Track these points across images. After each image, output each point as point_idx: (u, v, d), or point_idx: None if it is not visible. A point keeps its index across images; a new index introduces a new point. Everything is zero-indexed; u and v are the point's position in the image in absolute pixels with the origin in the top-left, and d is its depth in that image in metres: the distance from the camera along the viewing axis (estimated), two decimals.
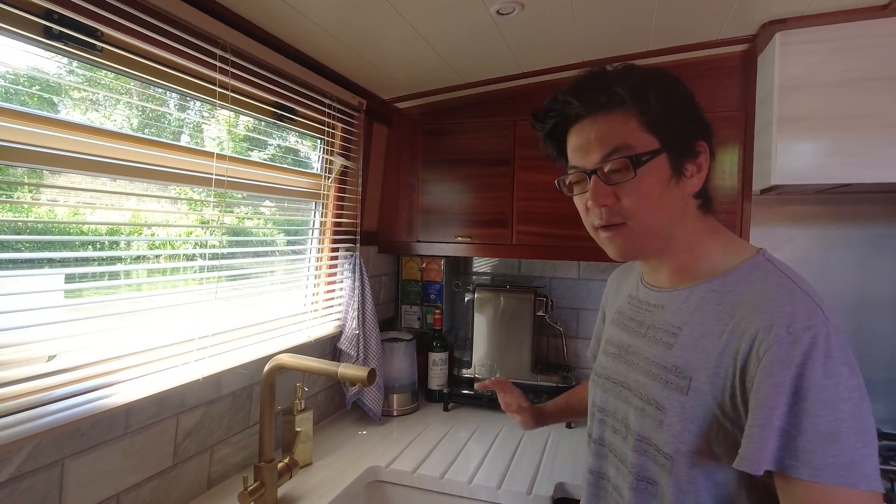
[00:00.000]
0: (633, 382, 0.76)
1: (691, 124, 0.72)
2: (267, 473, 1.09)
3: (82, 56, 0.87)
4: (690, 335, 0.70)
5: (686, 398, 0.67)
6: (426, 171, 1.80)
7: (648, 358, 0.75)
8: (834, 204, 1.64)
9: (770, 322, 0.61)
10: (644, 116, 0.69)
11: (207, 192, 1.15)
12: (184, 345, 1.10)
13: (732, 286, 0.68)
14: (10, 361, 0.81)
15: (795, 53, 1.25)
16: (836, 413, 0.56)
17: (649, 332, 0.77)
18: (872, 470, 0.55)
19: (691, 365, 0.68)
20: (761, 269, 0.68)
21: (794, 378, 0.57)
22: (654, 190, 0.70)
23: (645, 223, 0.71)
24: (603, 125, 0.71)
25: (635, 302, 0.84)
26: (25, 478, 0.82)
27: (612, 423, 0.80)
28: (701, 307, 0.70)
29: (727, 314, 0.66)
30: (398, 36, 1.26)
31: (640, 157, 0.69)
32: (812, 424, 0.56)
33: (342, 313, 1.65)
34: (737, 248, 0.73)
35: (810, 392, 0.57)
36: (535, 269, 2.00)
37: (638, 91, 0.69)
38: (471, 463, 1.38)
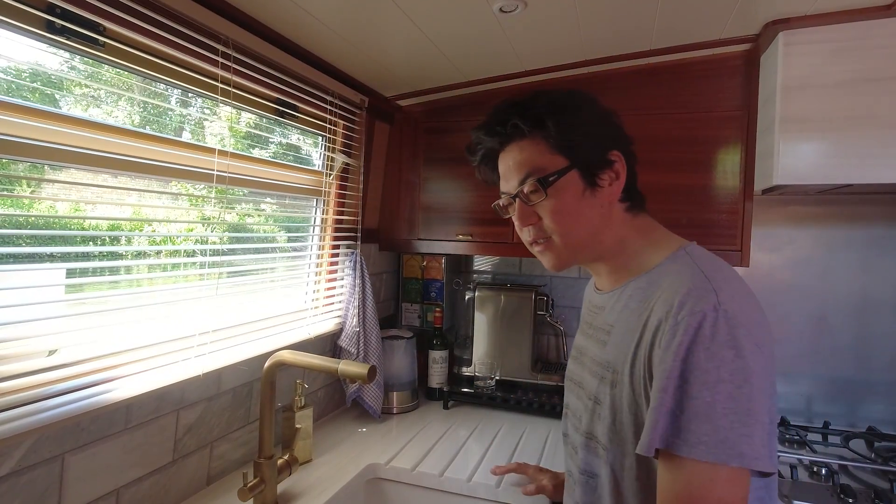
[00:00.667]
0: (584, 381, 0.83)
1: (601, 138, 0.79)
2: (267, 470, 1.09)
3: (84, 51, 0.86)
4: (618, 332, 0.75)
5: (615, 391, 0.72)
6: (428, 169, 1.80)
7: (592, 357, 0.81)
8: (836, 204, 1.63)
9: (668, 311, 0.65)
10: (549, 140, 0.77)
11: (209, 189, 1.15)
12: (184, 341, 1.10)
13: (653, 281, 0.73)
14: (11, 356, 0.81)
15: (798, 53, 1.25)
16: (713, 394, 0.59)
17: (595, 333, 0.83)
18: (749, 449, 0.57)
19: (618, 360, 0.73)
20: (677, 262, 0.73)
21: (680, 362, 0.61)
22: (568, 205, 0.77)
23: (567, 236, 0.78)
24: (517, 152, 0.79)
25: (590, 307, 0.90)
26: (25, 472, 0.82)
27: (574, 420, 0.86)
28: (627, 305, 0.75)
29: (645, 308, 0.70)
30: (401, 33, 1.26)
31: (546, 178, 0.76)
32: (691, 405, 0.59)
33: (343, 310, 1.66)
34: (664, 245, 0.77)
35: (692, 374, 0.60)
36: (536, 268, 2.00)
37: (537, 119, 0.77)
38: (470, 461, 1.38)
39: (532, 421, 1.68)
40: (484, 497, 1.26)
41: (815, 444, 1.47)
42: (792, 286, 1.67)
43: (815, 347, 1.66)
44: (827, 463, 1.34)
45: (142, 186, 1.07)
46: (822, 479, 1.31)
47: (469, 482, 1.27)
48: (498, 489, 1.25)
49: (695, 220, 1.49)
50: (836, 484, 1.26)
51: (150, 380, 1.00)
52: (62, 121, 0.84)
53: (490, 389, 1.78)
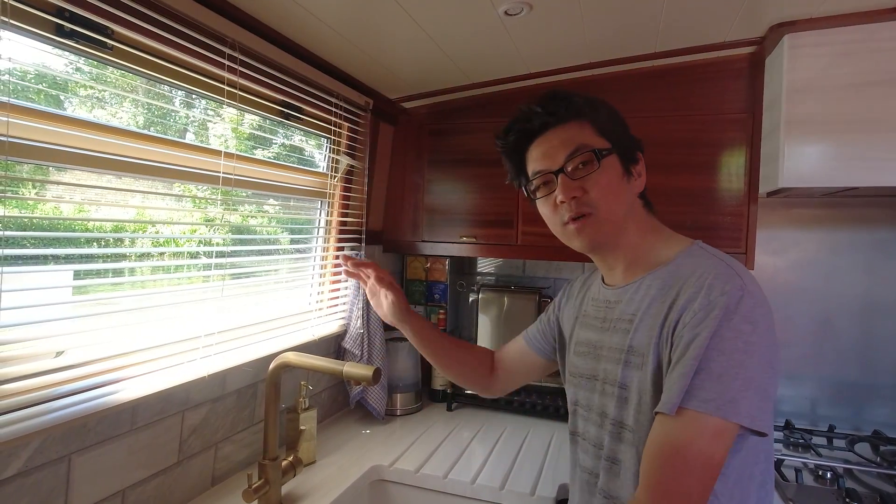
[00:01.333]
0: (602, 372, 0.85)
1: (631, 138, 0.88)
2: (271, 471, 1.10)
3: (93, 54, 0.87)
4: (642, 319, 0.79)
5: (641, 373, 0.77)
6: (432, 171, 1.80)
7: (613, 347, 0.83)
8: (840, 207, 1.63)
9: (696, 293, 0.72)
10: (597, 125, 0.84)
11: (213, 190, 1.16)
12: (190, 342, 1.10)
13: (674, 272, 0.79)
14: (19, 357, 0.82)
15: (804, 56, 1.25)
16: (728, 359, 0.66)
17: (613, 325, 0.85)
18: (750, 409, 0.64)
19: (643, 343, 0.77)
20: (695, 255, 0.80)
21: (704, 331, 0.68)
22: (613, 182, 0.82)
23: (609, 211, 0.82)
24: (562, 132, 0.84)
25: (598, 303, 0.92)
26: (32, 473, 0.82)
27: (590, 415, 0.88)
28: (647, 293, 0.80)
29: (668, 294, 0.76)
30: (406, 36, 1.26)
31: (601, 151, 0.82)
32: (707, 366, 0.66)
33: (347, 312, 1.66)
34: (675, 242, 0.85)
35: (713, 342, 0.67)
36: (540, 270, 2.00)
37: (591, 103, 0.85)
38: (474, 463, 1.38)
39: (536, 423, 1.67)
40: (488, 499, 1.26)
41: (820, 448, 1.46)
42: (796, 289, 1.67)
43: (820, 350, 1.65)
44: (832, 467, 1.34)
45: (146, 188, 1.07)
46: (828, 482, 1.30)
47: (473, 484, 1.27)
48: (502, 491, 1.25)
49: (699, 223, 1.48)
50: (841, 488, 1.25)
51: (156, 381, 1.00)
52: (68, 122, 0.85)
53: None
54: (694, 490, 0.64)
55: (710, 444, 0.65)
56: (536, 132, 0.87)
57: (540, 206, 0.90)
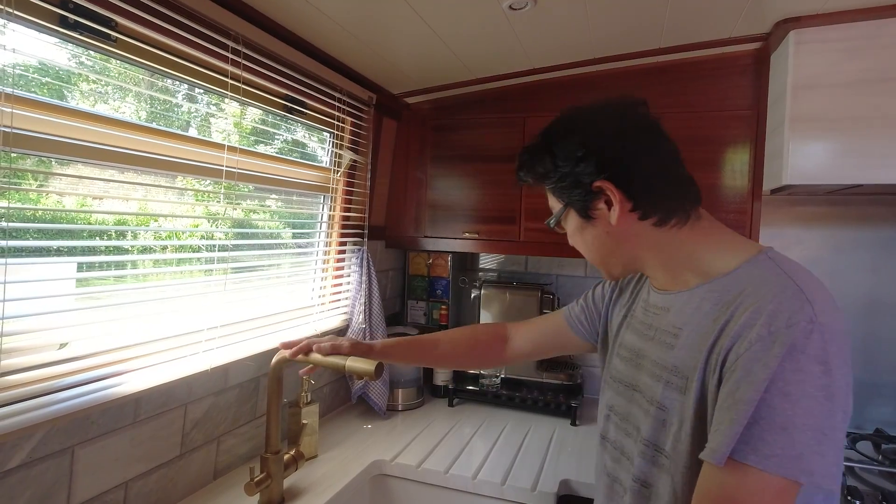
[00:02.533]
0: (643, 385, 0.79)
1: (582, 174, 0.76)
2: (273, 465, 1.10)
3: (97, 46, 0.87)
4: (689, 336, 0.71)
5: (684, 397, 0.69)
6: (435, 167, 1.80)
7: (654, 360, 0.77)
8: (845, 205, 1.62)
9: (755, 320, 0.62)
10: (551, 188, 0.82)
11: (216, 184, 1.16)
12: (193, 335, 1.11)
13: (730, 286, 0.69)
14: (23, 348, 0.82)
15: (809, 52, 1.24)
16: (794, 407, 0.57)
17: (656, 334, 0.79)
18: (820, 467, 0.56)
19: (687, 364, 0.70)
20: (760, 268, 0.69)
21: (764, 370, 0.58)
22: (573, 236, 0.84)
23: (590, 258, 0.84)
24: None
25: (647, 306, 0.85)
26: (36, 464, 0.82)
27: (623, 425, 0.83)
28: (699, 307, 0.72)
29: (721, 312, 0.67)
30: (410, 31, 1.26)
31: (549, 223, 0.84)
32: (769, 415, 0.57)
33: (349, 307, 1.66)
34: (738, 249, 0.73)
35: (775, 385, 0.57)
36: (542, 267, 2.00)
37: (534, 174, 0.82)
38: (475, 458, 1.38)
39: (537, 419, 1.68)
40: (489, 495, 1.27)
41: None
42: None
43: None
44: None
45: (149, 182, 1.07)
46: None
47: (474, 480, 1.28)
48: (503, 487, 1.25)
49: None
50: (843, 486, 1.25)
51: (159, 374, 1.00)
52: (71, 114, 0.85)
53: (495, 387, 1.78)
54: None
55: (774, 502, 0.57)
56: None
57: None
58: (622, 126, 0.77)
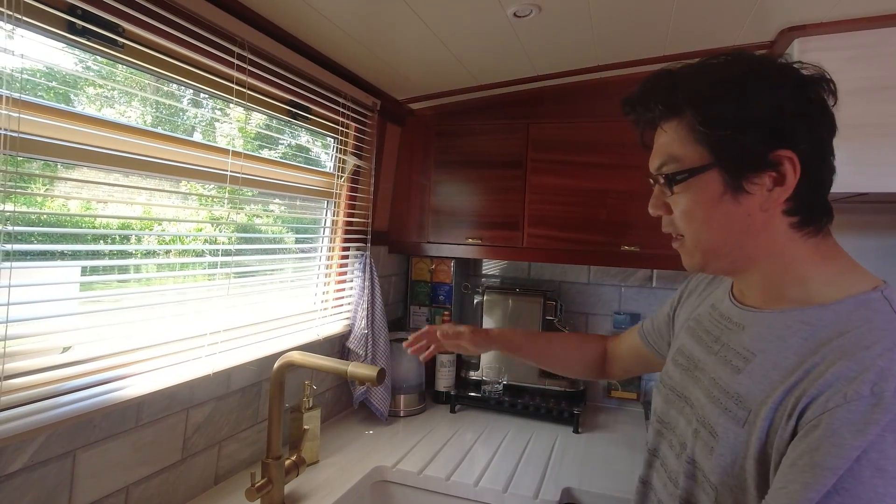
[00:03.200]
0: (695, 400, 0.70)
1: (765, 132, 0.61)
2: (274, 470, 1.10)
3: (104, 51, 0.88)
4: (762, 364, 0.62)
5: (742, 430, 0.60)
6: (438, 172, 1.80)
7: (714, 378, 0.68)
8: (849, 213, 1.62)
9: (855, 373, 0.52)
10: (693, 127, 0.64)
11: (220, 189, 1.16)
12: (195, 340, 1.11)
13: (828, 321, 0.59)
14: (27, 352, 0.82)
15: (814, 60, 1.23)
16: (886, 486, 0.47)
17: (722, 350, 0.70)
18: None
19: (754, 396, 0.60)
20: (870, 308, 0.58)
21: (862, 444, 0.48)
22: (696, 206, 0.66)
23: (696, 240, 0.67)
24: (661, 134, 0.69)
25: (717, 315, 0.76)
26: (38, 468, 0.82)
27: (670, 437, 0.76)
28: (783, 337, 0.62)
29: (810, 351, 0.57)
30: (414, 37, 1.26)
31: (674, 176, 0.66)
32: (853, 487, 0.48)
33: (351, 312, 1.66)
34: (850, 279, 0.63)
35: (868, 455, 0.48)
36: (545, 273, 1.99)
37: (695, 97, 0.65)
38: (477, 465, 1.37)
39: (539, 426, 1.67)
40: (491, 502, 1.26)
41: None
42: None
43: None
44: None
45: (153, 186, 1.08)
46: None
47: (476, 487, 1.27)
48: (505, 494, 1.24)
49: None
50: None
51: (161, 378, 1.01)
52: (77, 119, 0.85)
53: (497, 394, 1.78)
54: None
55: None
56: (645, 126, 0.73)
57: None
58: (825, 103, 0.66)
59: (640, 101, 0.70)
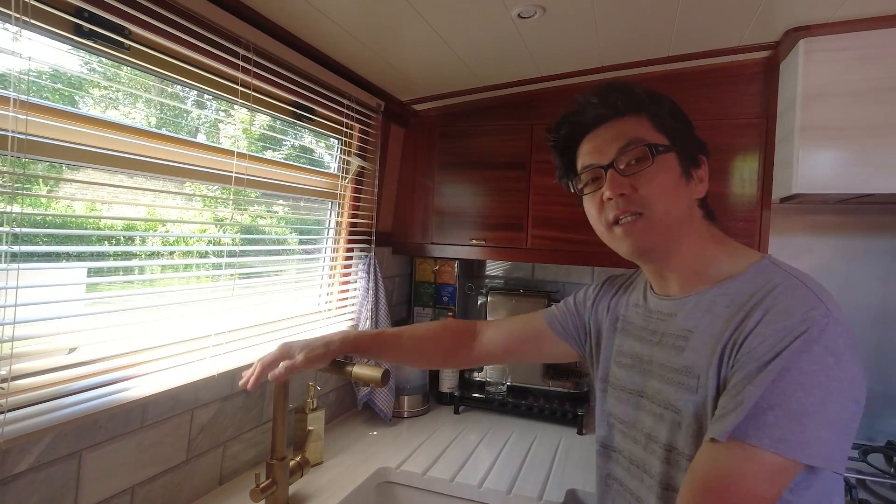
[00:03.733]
0: (651, 390, 0.79)
1: (694, 139, 0.81)
2: (279, 471, 1.10)
3: (111, 54, 0.88)
4: (700, 337, 0.73)
5: (697, 396, 0.70)
6: (442, 174, 1.80)
7: (662, 364, 0.77)
8: (856, 214, 1.61)
9: (769, 317, 0.64)
10: (655, 119, 0.78)
11: (225, 190, 1.16)
12: (200, 341, 1.11)
13: (740, 288, 0.72)
14: (33, 353, 0.82)
15: (819, 61, 1.24)
16: (808, 396, 0.59)
17: (663, 339, 0.79)
18: (829, 451, 0.59)
19: (699, 364, 0.71)
20: (766, 271, 0.72)
21: (779, 361, 0.61)
22: (667, 181, 0.76)
23: (660, 212, 0.75)
24: (617, 127, 0.78)
25: (644, 311, 0.86)
26: (44, 468, 0.83)
27: (631, 433, 0.82)
28: (711, 309, 0.73)
29: (734, 312, 0.69)
30: (418, 38, 1.26)
31: (656, 146, 0.75)
32: (782, 402, 0.59)
33: (356, 313, 1.66)
34: (743, 255, 0.78)
35: (789, 373, 0.60)
36: (549, 274, 1.99)
37: (652, 96, 0.79)
38: (481, 467, 1.37)
39: (543, 427, 1.67)
40: (495, 503, 1.26)
41: None
42: None
43: None
44: (845, 477, 1.31)
45: (158, 187, 1.08)
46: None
47: (480, 488, 1.27)
48: (509, 496, 1.24)
49: None
50: (854, 498, 1.23)
51: (167, 379, 1.01)
52: (83, 121, 0.86)
53: (501, 395, 1.78)
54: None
55: (767, 482, 0.59)
56: (590, 125, 0.81)
57: (586, 204, 0.84)
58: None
59: (604, 98, 0.80)
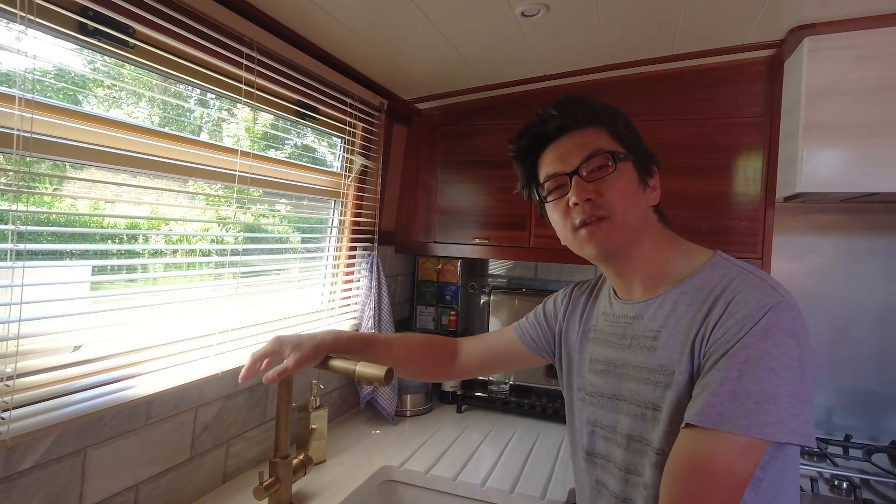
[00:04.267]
0: (627, 392, 0.81)
1: (646, 149, 0.85)
2: (282, 469, 1.10)
3: (115, 52, 0.88)
4: (668, 335, 0.77)
5: (671, 392, 0.73)
6: (445, 173, 1.80)
7: (637, 366, 0.80)
8: (860, 213, 1.61)
9: (730, 308, 0.69)
10: (612, 131, 0.82)
11: (228, 189, 1.17)
12: (203, 339, 1.11)
13: (699, 285, 0.77)
14: (38, 350, 0.83)
15: (824, 59, 1.23)
16: (776, 378, 0.63)
17: (633, 342, 0.82)
18: (799, 427, 0.63)
19: (671, 360, 0.75)
20: (720, 267, 0.78)
21: (745, 348, 0.65)
22: (629, 187, 0.80)
23: (624, 215, 0.79)
24: (578, 137, 0.82)
25: (611, 318, 0.89)
26: (49, 465, 0.83)
27: (613, 436, 0.84)
28: (675, 308, 0.77)
29: (696, 309, 0.74)
30: (422, 37, 1.26)
31: (617, 154, 0.80)
32: (754, 385, 0.64)
33: (358, 312, 1.66)
34: (695, 254, 0.82)
35: (759, 360, 0.64)
36: (552, 273, 1.99)
37: (609, 110, 0.84)
38: (484, 465, 1.37)
39: (545, 426, 1.67)
40: (498, 502, 1.26)
41: (836, 458, 1.44)
42: (813, 296, 1.65)
43: (836, 359, 1.63)
44: (848, 477, 1.31)
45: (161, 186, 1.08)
46: (844, 493, 1.28)
47: (483, 487, 1.27)
48: (512, 495, 1.24)
49: (714, 228, 1.47)
50: (857, 498, 1.23)
51: (171, 377, 1.01)
52: (87, 119, 0.86)
53: (504, 394, 1.78)
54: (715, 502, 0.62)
55: (742, 461, 0.63)
56: (552, 136, 0.85)
57: (550, 211, 0.87)
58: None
59: (564, 110, 0.84)
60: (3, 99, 0.73)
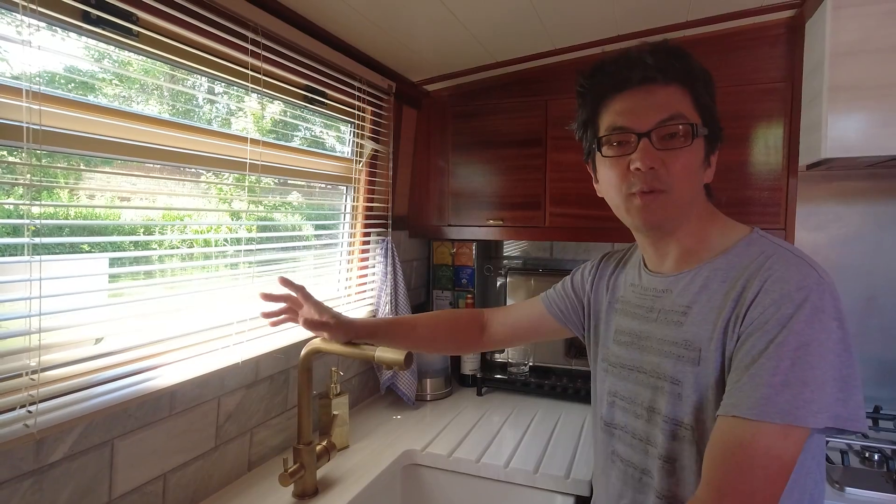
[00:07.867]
0: (649, 364, 0.80)
1: (719, 125, 0.79)
2: (306, 455, 1.10)
3: (119, 41, 0.87)
4: (699, 311, 0.74)
5: (699, 368, 0.72)
6: (456, 154, 1.78)
7: (662, 339, 0.79)
8: (886, 179, 1.55)
9: (767, 287, 0.67)
10: (697, 98, 0.75)
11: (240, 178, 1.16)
12: (222, 329, 1.11)
13: (733, 262, 0.74)
14: (60, 344, 0.83)
15: (848, 17, 1.18)
16: (825, 363, 0.61)
17: (660, 315, 0.80)
18: (848, 413, 0.61)
19: (700, 337, 0.73)
20: (757, 244, 0.75)
21: (795, 335, 0.62)
22: (694, 164, 0.75)
23: (681, 192, 0.74)
24: (660, 94, 0.74)
25: (639, 290, 0.87)
26: (78, 457, 0.84)
27: (632, 408, 0.83)
28: (707, 285, 0.75)
29: (730, 286, 0.72)
30: (429, 15, 1.23)
31: (698, 128, 0.74)
32: (807, 373, 0.61)
33: (375, 298, 1.66)
34: (732, 230, 0.79)
35: (808, 345, 0.62)
36: (569, 252, 1.97)
37: (704, 75, 0.77)
38: (506, 447, 1.37)
39: (567, 407, 1.65)
40: (522, 483, 1.25)
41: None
42: (839, 266, 1.60)
43: (864, 329, 1.59)
44: (880, 448, 1.29)
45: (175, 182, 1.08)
46: (875, 464, 1.26)
47: (506, 468, 1.27)
48: (536, 475, 1.24)
49: (734, 199, 1.43)
50: (890, 470, 1.21)
51: (192, 367, 1.02)
52: (96, 111, 0.85)
53: (524, 375, 1.77)
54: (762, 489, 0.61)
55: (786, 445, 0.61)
56: (632, 83, 0.75)
57: (604, 166, 0.79)
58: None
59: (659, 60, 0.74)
60: (11, 92, 0.72)
